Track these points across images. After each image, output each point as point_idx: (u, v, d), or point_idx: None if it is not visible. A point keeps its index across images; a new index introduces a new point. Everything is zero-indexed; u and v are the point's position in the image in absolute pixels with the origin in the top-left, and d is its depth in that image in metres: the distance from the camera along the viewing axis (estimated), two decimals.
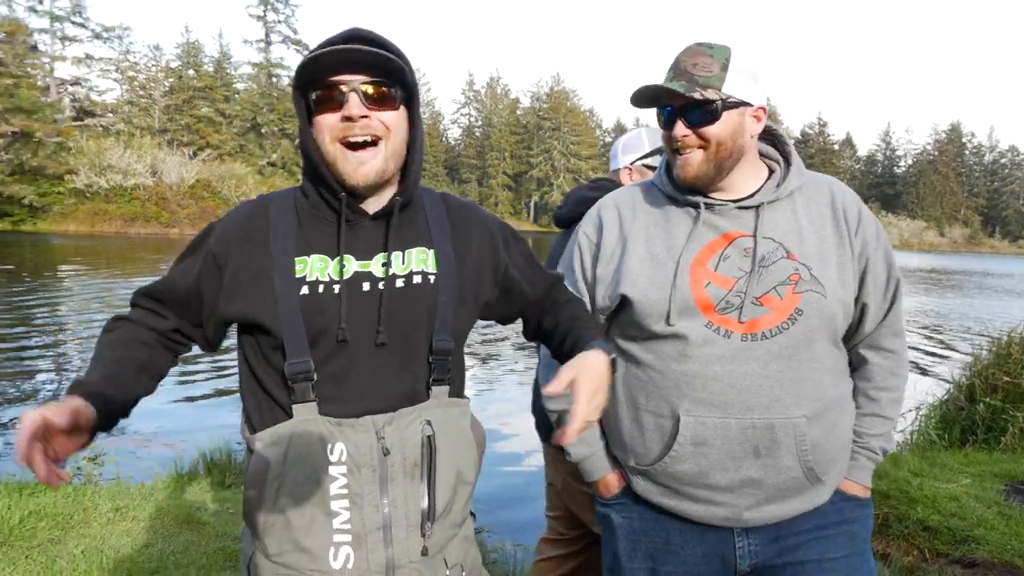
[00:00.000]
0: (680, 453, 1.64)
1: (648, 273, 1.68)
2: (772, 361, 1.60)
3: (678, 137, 1.62)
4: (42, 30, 50.26)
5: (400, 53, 1.33)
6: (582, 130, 79.16)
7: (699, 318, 1.62)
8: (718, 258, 1.65)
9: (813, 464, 1.62)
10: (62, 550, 3.56)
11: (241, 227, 1.40)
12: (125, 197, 40.32)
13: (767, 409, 1.59)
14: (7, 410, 7.28)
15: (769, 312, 1.60)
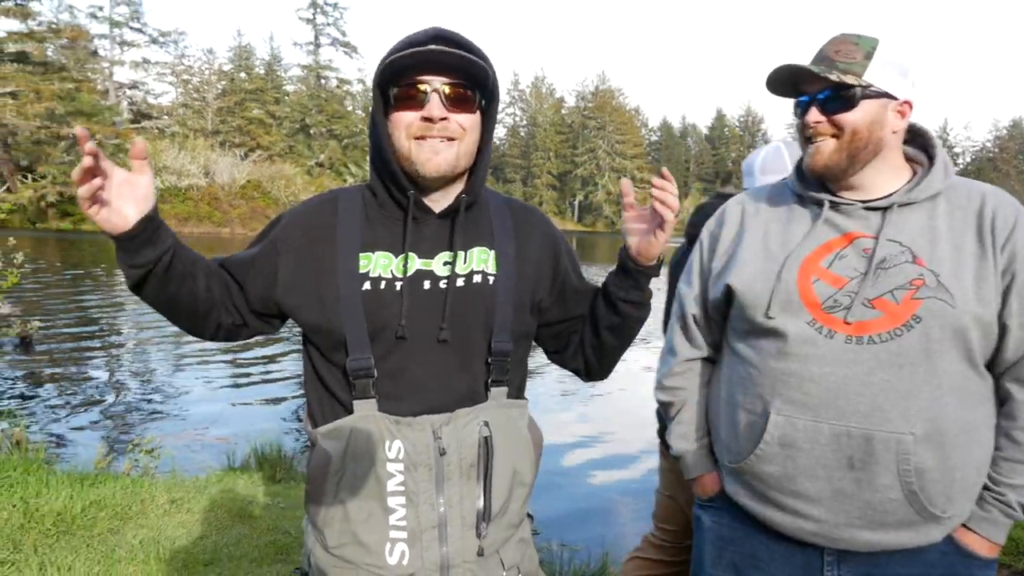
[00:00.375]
0: (766, 452, 1.57)
1: (757, 265, 1.63)
2: (879, 368, 1.47)
3: (810, 123, 1.55)
4: (102, 36, 51.99)
5: (484, 56, 1.33)
6: (627, 129, 78.60)
7: (802, 315, 1.55)
8: (833, 256, 1.56)
9: (918, 491, 1.46)
10: (121, 540, 3.67)
11: (308, 219, 1.43)
12: (179, 197, 41.41)
13: (866, 418, 1.47)
14: (69, 404, 7.53)
15: (881, 316, 1.49)
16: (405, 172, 1.35)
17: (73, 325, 11.89)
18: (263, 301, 1.43)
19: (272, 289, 1.41)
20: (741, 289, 1.63)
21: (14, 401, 7.39)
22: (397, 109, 1.33)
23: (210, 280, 1.39)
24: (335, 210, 1.42)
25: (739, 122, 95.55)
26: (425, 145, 1.32)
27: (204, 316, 1.40)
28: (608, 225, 73.87)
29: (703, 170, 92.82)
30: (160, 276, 1.29)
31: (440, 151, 1.32)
